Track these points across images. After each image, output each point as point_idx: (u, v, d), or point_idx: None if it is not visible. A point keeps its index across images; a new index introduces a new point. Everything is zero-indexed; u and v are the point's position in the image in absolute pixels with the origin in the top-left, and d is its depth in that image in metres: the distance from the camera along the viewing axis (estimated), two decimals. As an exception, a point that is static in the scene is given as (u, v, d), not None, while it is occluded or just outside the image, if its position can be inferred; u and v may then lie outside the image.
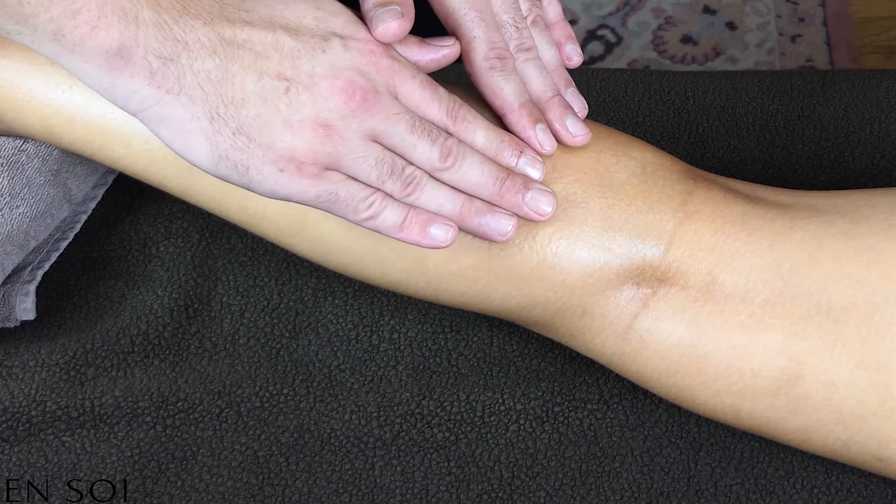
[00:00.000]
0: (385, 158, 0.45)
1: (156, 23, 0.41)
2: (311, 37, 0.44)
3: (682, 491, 0.58)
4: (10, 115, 0.53)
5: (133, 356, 0.62)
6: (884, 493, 0.58)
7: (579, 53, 0.55)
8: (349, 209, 0.45)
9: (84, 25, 0.40)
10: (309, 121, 0.43)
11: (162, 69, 0.42)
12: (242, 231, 0.65)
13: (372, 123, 0.45)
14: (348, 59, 0.44)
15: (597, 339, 0.53)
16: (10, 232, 0.57)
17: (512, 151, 0.49)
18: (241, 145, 0.43)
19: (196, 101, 0.42)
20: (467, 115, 0.48)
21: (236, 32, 0.43)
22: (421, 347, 0.62)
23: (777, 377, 0.50)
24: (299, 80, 0.43)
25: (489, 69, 0.50)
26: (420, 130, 0.46)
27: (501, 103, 0.50)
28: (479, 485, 0.59)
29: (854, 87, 0.72)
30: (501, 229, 0.48)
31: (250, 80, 0.43)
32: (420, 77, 0.47)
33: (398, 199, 0.46)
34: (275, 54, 0.43)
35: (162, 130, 0.43)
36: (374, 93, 0.44)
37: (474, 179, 0.47)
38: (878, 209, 0.53)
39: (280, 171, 0.43)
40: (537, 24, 0.53)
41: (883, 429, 0.50)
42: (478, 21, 0.50)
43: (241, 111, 0.43)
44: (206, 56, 0.42)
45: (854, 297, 0.50)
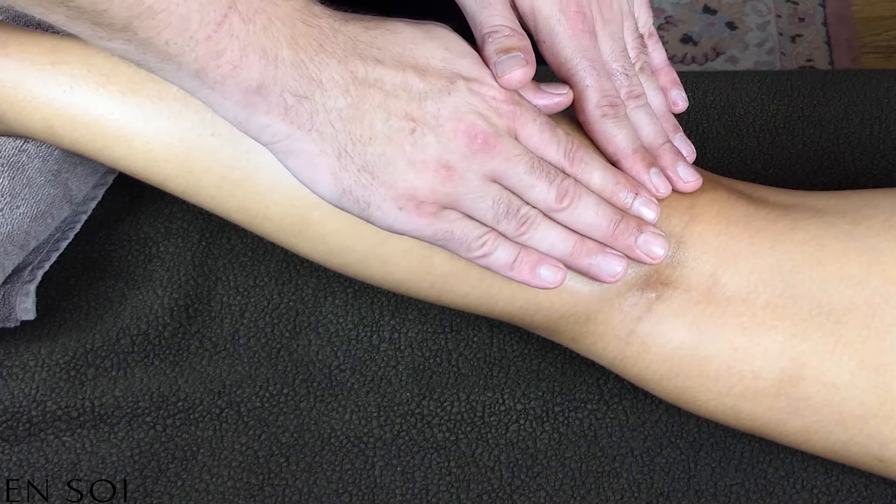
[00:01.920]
0: (502, 199, 0.46)
1: (293, 62, 0.42)
2: (437, 78, 0.45)
3: (682, 491, 0.58)
4: (11, 115, 0.53)
5: (133, 356, 0.62)
6: (884, 493, 0.58)
7: (685, 99, 0.56)
8: (462, 247, 0.47)
9: (226, 65, 0.41)
10: (432, 161, 0.44)
11: (296, 106, 0.42)
12: (242, 231, 0.65)
13: (492, 165, 0.45)
14: (472, 103, 0.45)
15: (599, 342, 0.53)
16: (11, 232, 0.57)
17: (627, 192, 0.50)
18: (365, 182, 0.44)
19: (326, 137, 0.43)
20: (584, 157, 0.49)
21: (368, 71, 0.44)
22: (421, 347, 0.62)
23: (778, 379, 0.50)
24: (425, 122, 0.44)
25: (602, 117, 0.51)
26: (538, 171, 0.47)
27: (615, 150, 0.51)
28: (479, 485, 0.59)
29: (854, 87, 0.72)
30: (612, 270, 0.49)
31: (379, 119, 0.44)
32: (540, 119, 0.47)
33: (511, 239, 0.47)
34: (403, 94, 0.44)
35: (290, 162, 0.44)
36: (496, 136, 0.45)
37: (588, 220, 0.48)
38: (878, 210, 0.53)
39: (399, 209, 0.45)
40: (644, 71, 0.54)
41: (883, 430, 0.50)
42: (589, 70, 0.50)
43: (367, 149, 0.44)
44: (338, 94, 0.43)
45: (855, 298, 0.50)
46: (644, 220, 0.50)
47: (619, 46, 0.52)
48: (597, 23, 0.51)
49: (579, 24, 0.50)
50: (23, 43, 0.53)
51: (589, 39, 0.50)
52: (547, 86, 0.50)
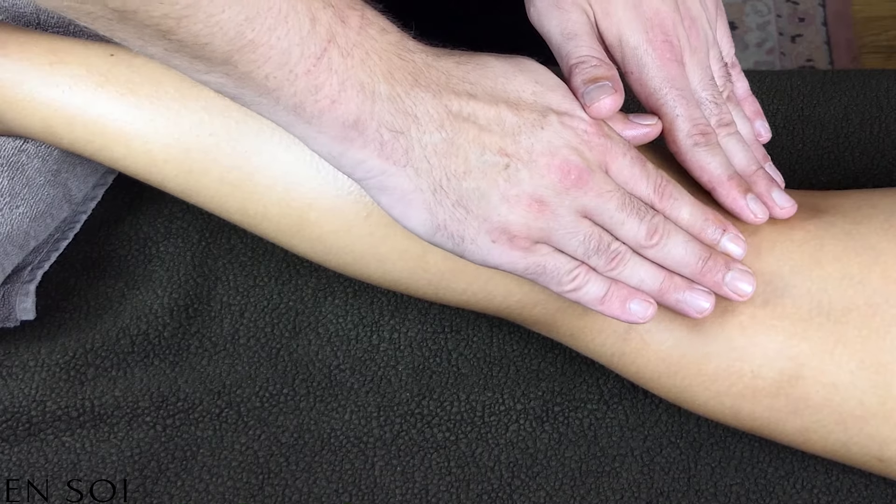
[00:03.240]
0: (593, 234, 0.46)
1: (390, 96, 0.42)
2: (530, 112, 0.45)
3: (682, 491, 0.58)
4: (11, 116, 0.53)
5: (133, 356, 0.62)
6: (884, 493, 0.58)
7: (768, 130, 0.56)
8: (553, 280, 0.47)
9: (325, 99, 0.41)
10: (525, 196, 0.44)
11: (392, 141, 0.42)
12: (242, 231, 0.65)
13: (584, 201, 0.45)
14: (565, 137, 0.45)
15: (597, 338, 0.53)
16: (10, 232, 0.57)
17: (715, 228, 0.49)
18: (460, 216, 0.44)
19: (421, 173, 0.43)
20: (674, 192, 0.48)
21: (462, 105, 0.44)
22: (421, 347, 0.62)
23: (777, 378, 0.50)
24: (519, 157, 0.44)
25: (694, 146, 0.51)
26: (629, 208, 0.47)
27: (710, 178, 0.51)
28: (479, 485, 0.59)
29: (854, 87, 0.72)
30: (699, 307, 0.49)
31: (474, 153, 0.44)
32: (630, 153, 0.47)
33: (601, 273, 0.47)
34: (497, 129, 0.44)
35: (383, 198, 0.44)
36: (588, 171, 0.45)
37: (677, 257, 0.48)
38: (878, 209, 0.53)
39: (493, 243, 0.45)
40: (730, 100, 0.54)
41: (883, 429, 0.50)
42: (679, 99, 0.50)
43: (462, 184, 0.44)
44: (433, 129, 0.43)
45: (855, 297, 0.50)
46: (731, 256, 0.50)
47: (707, 75, 0.52)
48: (684, 52, 0.51)
49: (667, 53, 0.50)
50: (22, 43, 0.53)
51: (677, 69, 0.50)
52: (635, 116, 0.50)
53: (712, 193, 0.51)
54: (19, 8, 0.58)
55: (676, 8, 0.51)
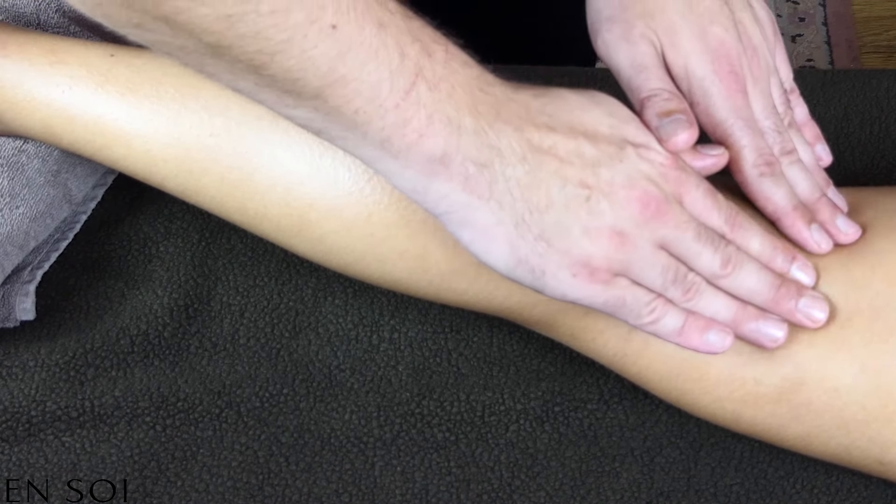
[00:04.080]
0: (670, 266, 0.46)
1: (475, 130, 0.42)
2: (608, 145, 0.45)
3: (682, 491, 0.58)
4: (10, 116, 0.53)
5: (133, 356, 0.62)
6: (884, 493, 0.58)
7: (829, 154, 0.56)
8: (633, 314, 0.46)
9: (412, 133, 0.41)
10: (606, 229, 0.44)
11: (476, 175, 0.42)
12: (242, 231, 0.65)
13: (663, 232, 0.45)
14: (643, 170, 0.45)
15: (598, 339, 0.53)
16: (10, 232, 0.57)
17: (785, 257, 0.50)
18: (541, 250, 0.44)
19: (504, 206, 0.43)
20: (744, 223, 0.49)
21: (542, 138, 0.44)
22: (421, 347, 0.62)
23: (779, 384, 0.50)
24: (599, 189, 0.44)
25: (759, 176, 0.51)
26: (705, 239, 0.47)
27: (775, 208, 0.51)
28: (479, 485, 0.59)
29: (854, 87, 0.72)
30: (773, 336, 0.49)
31: (555, 186, 0.43)
32: (703, 186, 0.47)
33: (677, 304, 0.47)
34: (577, 161, 0.44)
35: (464, 233, 0.44)
36: (666, 202, 0.45)
37: (750, 286, 0.48)
38: (879, 210, 0.53)
39: (573, 276, 0.44)
40: (791, 126, 0.54)
41: (885, 433, 0.50)
42: (745, 129, 0.50)
43: (544, 217, 0.43)
44: (516, 162, 0.43)
45: (859, 301, 0.50)
46: (802, 284, 0.50)
47: (769, 104, 0.52)
48: (748, 82, 0.51)
49: (733, 84, 0.50)
50: (22, 43, 0.53)
51: (742, 99, 0.51)
52: (704, 147, 0.50)
53: (777, 224, 0.51)
54: (19, 8, 0.58)
55: (739, 38, 0.51)
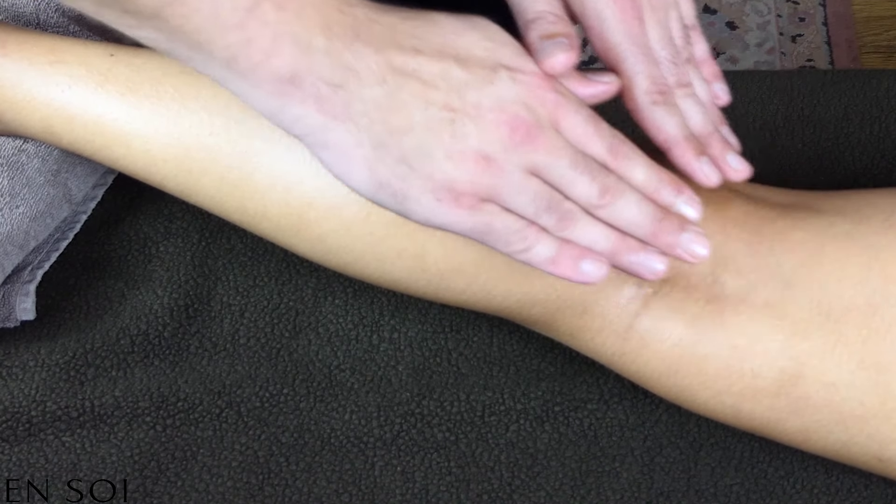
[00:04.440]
0: (543, 193, 0.45)
1: (327, 50, 0.41)
2: (479, 68, 0.44)
3: (682, 491, 0.58)
4: (10, 115, 0.53)
5: (133, 356, 0.62)
6: (884, 493, 0.58)
7: (727, 92, 0.55)
8: (501, 241, 0.45)
9: (258, 53, 0.40)
10: (471, 153, 0.43)
11: (331, 96, 0.41)
12: (242, 231, 0.65)
13: (534, 158, 0.44)
14: (515, 93, 0.44)
15: (597, 338, 0.53)
16: (10, 232, 0.57)
17: (671, 190, 0.48)
18: (402, 173, 0.43)
19: (362, 128, 0.42)
20: (628, 152, 0.47)
21: (406, 60, 0.43)
22: (421, 347, 0.62)
23: (778, 378, 0.50)
24: (465, 112, 0.43)
25: (651, 104, 0.50)
26: (581, 166, 0.45)
27: (665, 137, 0.50)
28: (479, 485, 0.59)
29: (854, 87, 0.72)
30: (653, 268, 0.47)
31: (417, 109, 0.43)
32: (584, 111, 0.46)
33: (551, 233, 0.46)
34: (443, 84, 0.43)
35: (324, 155, 0.43)
36: (538, 127, 0.44)
37: (630, 217, 0.47)
38: (878, 209, 0.53)
39: (438, 201, 0.43)
40: (689, 62, 0.53)
41: (883, 429, 0.50)
42: (639, 56, 0.49)
43: (404, 140, 0.42)
44: (374, 84, 0.42)
45: (855, 297, 0.50)
46: (686, 219, 0.49)
47: (667, 35, 0.51)
48: (644, 10, 0.50)
49: (628, 9, 0.49)
50: (21, 43, 0.53)
51: (638, 26, 0.49)
52: (594, 74, 0.49)
53: (667, 154, 0.50)
54: (19, 8, 0.58)
55: None
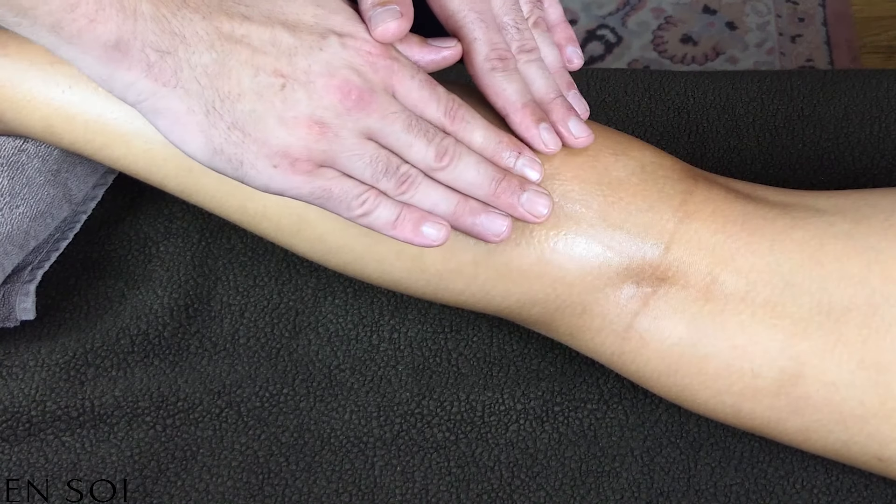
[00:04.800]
0: (380, 157, 0.45)
1: (154, 16, 0.41)
2: (308, 34, 0.44)
3: (682, 491, 0.58)
4: (10, 115, 0.53)
5: (133, 356, 0.62)
6: (884, 492, 0.58)
7: (580, 56, 0.55)
8: (342, 206, 0.45)
9: (82, 18, 0.40)
10: (303, 118, 0.43)
11: (159, 62, 0.42)
12: (242, 231, 0.65)
13: (367, 122, 0.45)
14: (345, 58, 0.44)
15: (596, 338, 0.53)
16: (10, 232, 0.57)
17: (510, 152, 0.49)
18: (236, 140, 0.43)
19: (192, 94, 0.42)
20: (466, 115, 0.48)
21: (234, 27, 0.43)
22: (421, 347, 0.62)
23: (778, 377, 0.50)
24: (295, 78, 0.43)
25: (491, 70, 0.50)
26: (416, 129, 0.46)
27: (504, 103, 0.50)
28: (479, 485, 0.59)
29: (854, 87, 0.72)
30: (495, 229, 0.48)
31: (247, 75, 0.43)
32: (419, 76, 0.47)
33: (392, 198, 0.46)
34: (272, 50, 0.43)
35: (159, 122, 0.43)
36: (371, 92, 0.45)
37: (469, 179, 0.47)
38: (878, 209, 0.53)
39: (274, 167, 0.44)
40: (539, 26, 0.53)
41: (883, 429, 0.50)
42: (478, 22, 0.49)
43: (236, 106, 0.43)
44: (203, 50, 0.42)
45: (855, 297, 0.50)
46: (527, 179, 0.49)
47: (511, 0, 0.51)
48: None
49: None
50: (22, 43, 0.53)
51: None
52: (434, 40, 0.49)
53: (506, 120, 0.50)
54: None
55: None
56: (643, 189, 0.52)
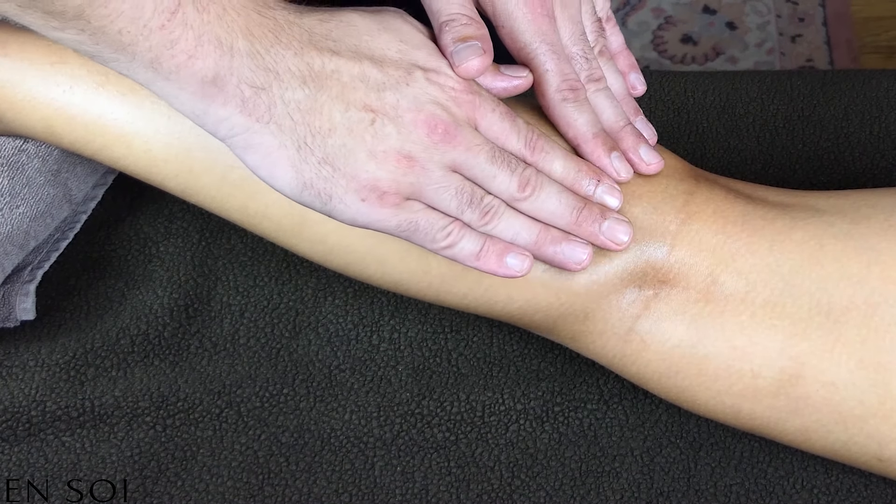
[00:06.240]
0: (464, 189, 0.46)
1: (249, 52, 0.42)
2: (395, 69, 0.45)
3: (682, 491, 0.58)
4: (11, 116, 0.53)
5: (133, 356, 0.62)
6: (884, 492, 0.58)
7: (643, 82, 0.56)
8: (428, 238, 0.46)
9: (181, 54, 0.41)
10: (393, 152, 0.44)
11: (253, 98, 0.42)
12: (242, 231, 0.65)
13: (453, 155, 0.45)
14: (431, 93, 0.45)
15: (598, 341, 0.53)
16: (10, 232, 0.57)
17: (590, 180, 0.49)
18: (326, 174, 0.44)
19: (285, 130, 0.43)
20: (545, 146, 0.48)
21: (325, 63, 0.44)
22: (421, 347, 0.62)
23: (777, 378, 0.50)
24: (384, 112, 0.44)
25: (562, 101, 0.50)
26: (499, 161, 0.47)
27: (575, 134, 0.51)
28: (479, 485, 0.59)
29: (854, 87, 0.72)
30: (577, 258, 0.49)
31: (338, 110, 0.43)
32: (500, 109, 0.47)
33: (475, 229, 0.47)
34: (361, 85, 0.44)
35: (248, 157, 0.44)
36: (456, 125, 0.45)
37: (551, 209, 0.48)
38: (878, 209, 0.53)
39: (362, 201, 0.44)
40: (603, 55, 0.54)
41: (883, 429, 0.50)
42: (550, 54, 0.50)
43: (327, 141, 0.43)
44: (296, 86, 0.43)
45: (854, 297, 0.50)
46: (607, 207, 0.50)
47: (578, 30, 0.52)
48: (555, 7, 0.51)
49: (538, 7, 0.50)
50: (22, 43, 0.53)
51: (548, 23, 0.50)
52: (507, 68, 0.49)
53: (578, 150, 0.51)
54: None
55: None
56: (648, 190, 0.52)
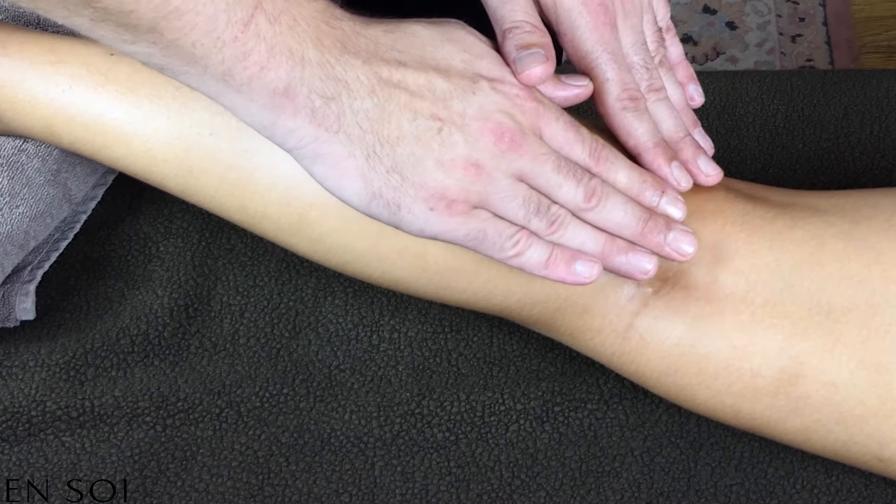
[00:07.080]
0: (532, 197, 0.46)
1: (319, 62, 0.42)
2: (460, 78, 0.45)
3: (682, 491, 0.58)
4: (11, 115, 0.53)
5: (133, 356, 0.62)
6: (884, 493, 0.58)
7: (701, 94, 0.56)
8: (496, 247, 0.46)
9: (254, 66, 0.41)
10: (461, 160, 0.44)
11: (323, 108, 0.42)
12: (242, 231, 0.65)
13: (520, 164, 0.45)
14: (497, 102, 0.45)
15: (597, 338, 0.53)
16: (10, 232, 0.57)
17: (654, 191, 0.50)
18: (395, 183, 0.44)
19: (354, 139, 0.43)
20: (609, 156, 0.49)
21: (392, 72, 0.44)
22: (421, 347, 0.62)
23: (777, 377, 0.50)
24: (452, 121, 0.44)
25: (622, 110, 0.51)
26: (565, 171, 0.47)
27: (636, 143, 0.51)
28: (479, 485, 0.59)
29: (854, 87, 0.72)
30: (643, 268, 0.49)
31: (406, 119, 0.44)
32: (564, 118, 0.47)
33: (542, 238, 0.47)
34: (428, 95, 0.44)
35: (316, 168, 0.44)
36: (522, 134, 0.45)
37: (617, 220, 0.48)
38: (878, 209, 0.53)
39: (430, 210, 0.44)
40: (663, 65, 0.54)
41: (883, 429, 0.50)
42: (610, 63, 0.50)
43: (396, 150, 0.43)
44: (364, 95, 0.43)
45: (854, 297, 0.50)
46: (671, 218, 0.50)
47: (640, 40, 0.52)
48: (618, 16, 0.51)
49: (601, 16, 0.50)
50: (22, 43, 0.53)
51: (610, 32, 0.50)
52: (567, 77, 0.49)
53: (638, 159, 0.51)
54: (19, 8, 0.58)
55: None
56: None
